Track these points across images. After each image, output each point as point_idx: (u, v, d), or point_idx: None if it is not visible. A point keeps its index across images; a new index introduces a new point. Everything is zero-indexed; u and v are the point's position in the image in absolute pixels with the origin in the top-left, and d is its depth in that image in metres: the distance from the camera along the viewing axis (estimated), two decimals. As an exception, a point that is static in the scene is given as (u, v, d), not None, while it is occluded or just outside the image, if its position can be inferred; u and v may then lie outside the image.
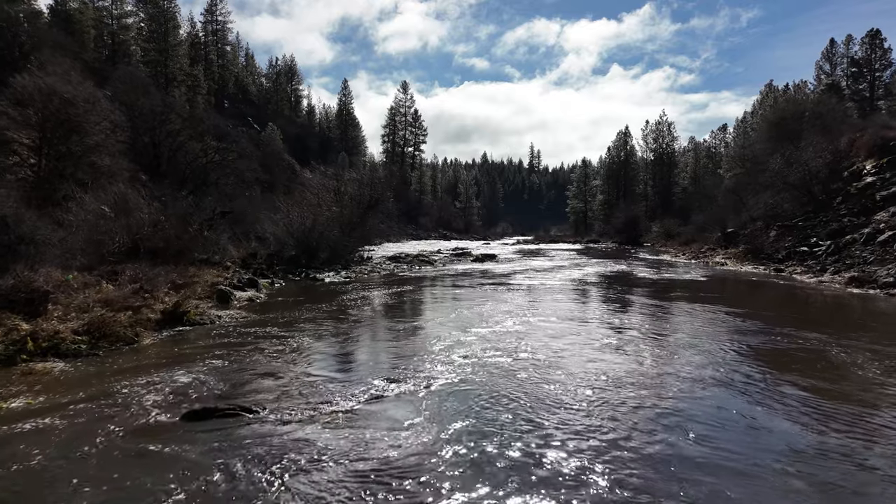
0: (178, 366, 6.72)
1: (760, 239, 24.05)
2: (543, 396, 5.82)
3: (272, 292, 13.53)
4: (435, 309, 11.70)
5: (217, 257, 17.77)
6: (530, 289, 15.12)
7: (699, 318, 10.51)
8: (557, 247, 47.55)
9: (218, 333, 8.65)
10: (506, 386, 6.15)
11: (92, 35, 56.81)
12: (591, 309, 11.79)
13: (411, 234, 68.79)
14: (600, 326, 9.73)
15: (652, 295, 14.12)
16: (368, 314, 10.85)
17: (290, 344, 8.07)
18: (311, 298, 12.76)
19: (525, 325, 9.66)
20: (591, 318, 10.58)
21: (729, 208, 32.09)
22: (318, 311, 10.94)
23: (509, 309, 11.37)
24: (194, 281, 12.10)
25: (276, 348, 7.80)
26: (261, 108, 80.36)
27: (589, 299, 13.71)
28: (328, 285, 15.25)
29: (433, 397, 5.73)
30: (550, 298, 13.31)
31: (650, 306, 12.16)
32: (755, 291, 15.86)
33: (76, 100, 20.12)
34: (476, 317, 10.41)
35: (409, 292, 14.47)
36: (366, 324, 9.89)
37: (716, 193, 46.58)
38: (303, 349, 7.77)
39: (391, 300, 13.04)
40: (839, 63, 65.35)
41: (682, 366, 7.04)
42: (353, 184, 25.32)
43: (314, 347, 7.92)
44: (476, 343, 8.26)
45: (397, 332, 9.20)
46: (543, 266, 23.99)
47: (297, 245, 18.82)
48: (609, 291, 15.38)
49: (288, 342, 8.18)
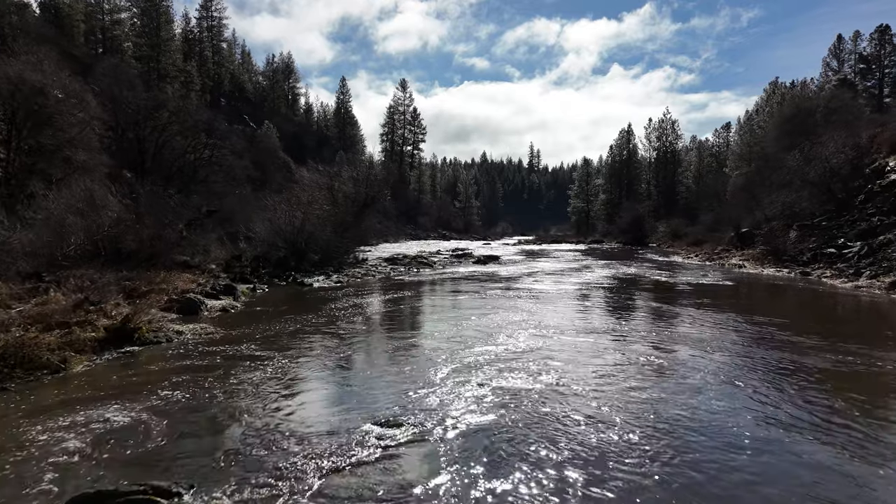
0: (102, 405, 5.25)
1: (780, 240, 22.61)
2: (585, 443, 4.38)
3: (252, 300, 12.05)
4: (437, 320, 10.23)
5: (197, 259, 16.31)
6: (541, 295, 13.66)
7: (743, 333, 9.04)
8: (560, 247, 46.11)
9: (173, 355, 7.18)
10: (538, 428, 4.71)
11: (82, 29, 55.32)
12: (614, 319, 10.34)
13: (410, 233, 67.33)
14: (630, 341, 8.28)
15: (677, 302, 12.66)
16: (359, 328, 9.38)
17: (261, 370, 6.61)
18: (295, 307, 11.29)
19: (544, 341, 8.20)
20: (617, 330, 9.13)
21: (741, 207, 30.68)
22: (301, 323, 9.47)
23: (521, 319, 9.92)
24: (161, 288, 10.64)
25: (242, 377, 6.33)
26: (257, 106, 78.88)
27: (608, 307, 12.24)
28: (316, 291, 13.78)
29: (449, 451, 4.27)
30: (565, 306, 11.84)
31: (680, 317, 10.70)
32: (790, 299, 14.41)
33: (48, 89, 18.65)
34: (485, 330, 8.96)
35: (407, 300, 13.00)
36: (356, 341, 8.42)
37: (723, 192, 45.24)
38: (275, 378, 6.31)
39: (386, 309, 11.58)
40: (847, 59, 64.07)
41: (753, 402, 5.59)
42: (347, 181, 23.83)
43: (290, 375, 6.45)
44: (490, 365, 6.81)
45: (394, 351, 7.74)
46: (550, 268, 22.53)
47: (286, 246, 17.35)
48: (627, 298, 13.93)
49: (258, 368, 6.71)
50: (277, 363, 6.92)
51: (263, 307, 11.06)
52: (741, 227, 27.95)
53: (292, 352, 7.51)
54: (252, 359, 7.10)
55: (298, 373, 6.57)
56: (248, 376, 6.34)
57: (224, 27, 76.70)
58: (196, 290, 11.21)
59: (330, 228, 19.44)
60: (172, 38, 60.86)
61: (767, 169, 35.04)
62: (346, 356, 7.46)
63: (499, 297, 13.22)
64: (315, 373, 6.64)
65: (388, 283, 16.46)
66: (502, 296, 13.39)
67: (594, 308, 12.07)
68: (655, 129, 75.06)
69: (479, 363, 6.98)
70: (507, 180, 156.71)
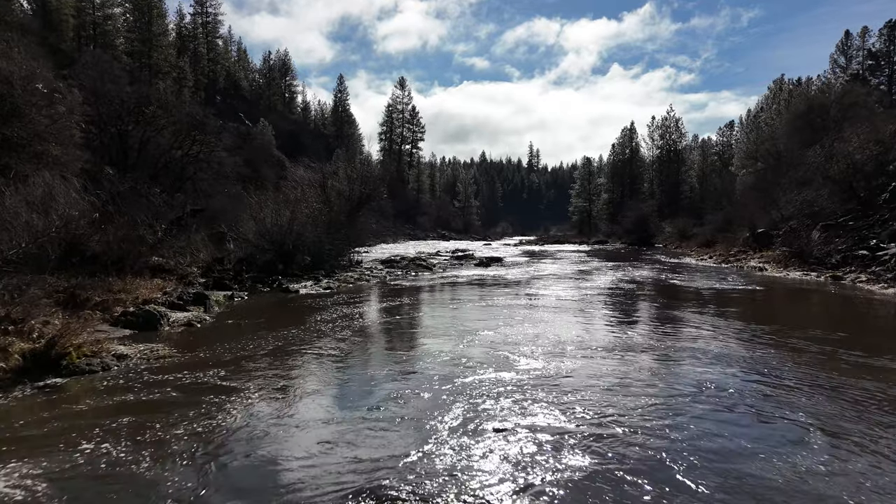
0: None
1: (803, 241, 21.15)
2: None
3: (227, 310, 10.57)
4: (439, 336, 8.76)
5: (173, 263, 14.82)
6: (553, 303, 12.21)
7: (797, 351, 7.59)
8: (563, 248, 44.69)
9: (107, 389, 5.71)
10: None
11: (71, 24, 53.76)
12: (643, 333, 8.88)
13: (409, 234, 65.89)
14: (674, 363, 6.82)
15: (708, 313, 11.20)
16: (346, 348, 7.91)
17: (213, 413, 5.15)
18: (274, 320, 9.83)
19: (568, 362, 6.75)
20: (651, 348, 7.67)
21: (755, 206, 29.22)
22: (277, 343, 8.00)
23: (537, 333, 8.46)
24: (117, 298, 9.17)
25: (187, 423, 4.87)
26: (253, 104, 77.47)
27: (632, 318, 10.78)
28: (302, 299, 12.30)
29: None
30: (584, 317, 10.39)
31: (720, 331, 9.24)
32: (832, 308, 12.96)
33: (13, 77, 17.18)
34: (497, 349, 7.50)
35: (404, 310, 11.53)
36: (341, 368, 6.96)
37: (732, 191, 43.85)
38: (228, 428, 4.85)
39: (380, 323, 10.11)
40: (855, 56, 62.83)
41: (858, 462, 4.14)
42: (342, 178, 22.35)
43: (252, 424, 4.98)
44: (507, 398, 5.37)
45: (389, 381, 6.27)
46: (557, 271, 21.08)
47: (271, 248, 15.88)
48: (651, 306, 12.46)
49: (210, 409, 5.25)
50: (237, 403, 5.45)
51: (237, 320, 9.58)
52: (757, 227, 26.51)
53: (258, 385, 6.04)
54: (207, 395, 5.63)
55: (263, 421, 5.10)
56: (194, 422, 4.88)
57: (219, 24, 75.36)
58: (160, 299, 9.75)
59: (321, 229, 17.97)
60: (164, 33, 59.37)
61: (780, 166, 33.66)
62: (325, 391, 6.00)
63: (507, 305, 11.75)
64: (285, 422, 5.17)
65: (384, 289, 14.99)
66: (511, 304, 11.92)
67: (616, 319, 10.61)
68: (658, 128, 73.70)
69: (495, 396, 5.54)
70: (507, 180, 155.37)
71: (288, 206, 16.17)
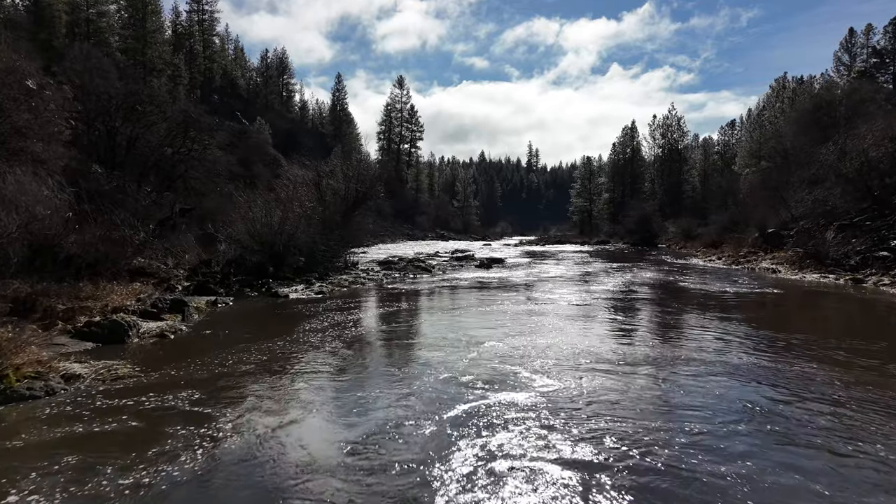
0: None
1: (817, 241, 20.30)
2: None
3: (207, 318, 9.68)
4: (440, 349, 7.88)
5: (156, 265, 13.94)
6: (563, 309, 11.33)
7: (842, 366, 6.72)
8: (565, 248, 43.83)
9: (50, 418, 4.83)
10: None
11: (64, 20, 52.78)
12: (665, 345, 8.01)
13: (407, 234, 65.02)
14: (702, 382, 5.95)
15: (729, 319, 10.32)
16: (335, 364, 7.04)
17: (175, 453, 4.27)
18: (258, 331, 8.95)
19: (588, 379, 5.87)
20: (675, 361, 6.79)
21: (764, 205, 28.37)
22: (258, 357, 7.12)
23: (548, 344, 7.58)
24: (84, 306, 8.29)
25: (144, 470, 4.00)
26: (250, 103, 76.56)
27: (649, 327, 9.90)
28: (291, 305, 11.41)
29: None
30: (598, 327, 9.50)
31: (746, 342, 8.36)
32: (863, 315, 12.10)
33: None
34: (507, 363, 6.63)
35: (401, 317, 10.66)
36: (328, 392, 6.07)
37: (737, 190, 43.03)
38: (190, 474, 3.98)
39: (374, 333, 9.22)
40: (859, 54, 62.09)
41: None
42: (338, 176, 21.47)
43: (216, 470, 4.12)
44: (526, 426, 4.51)
45: (382, 410, 5.40)
46: (561, 273, 20.21)
47: (261, 249, 15.00)
48: (665, 313, 11.58)
49: (174, 447, 4.38)
50: (204, 437, 4.58)
51: (217, 330, 8.68)
52: (767, 227, 25.66)
53: (229, 414, 5.17)
54: (169, 422, 4.76)
55: (227, 464, 4.23)
56: (151, 463, 4.01)
57: (216, 21, 74.41)
58: (133, 307, 8.86)
59: (315, 229, 17.09)
60: (159, 29, 58.40)
61: (787, 165, 32.84)
62: (309, 422, 5.12)
63: (512, 312, 10.88)
64: (253, 462, 4.30)
65: (380, 293, 14.11)
66: (517, 311, 11.05)
67: (631, 327, 9.74)
68: (660, 126, 72.88)
69: (507, 424, 4.67)
70: (506, 180, 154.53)
71: (279, 206, 15.27)
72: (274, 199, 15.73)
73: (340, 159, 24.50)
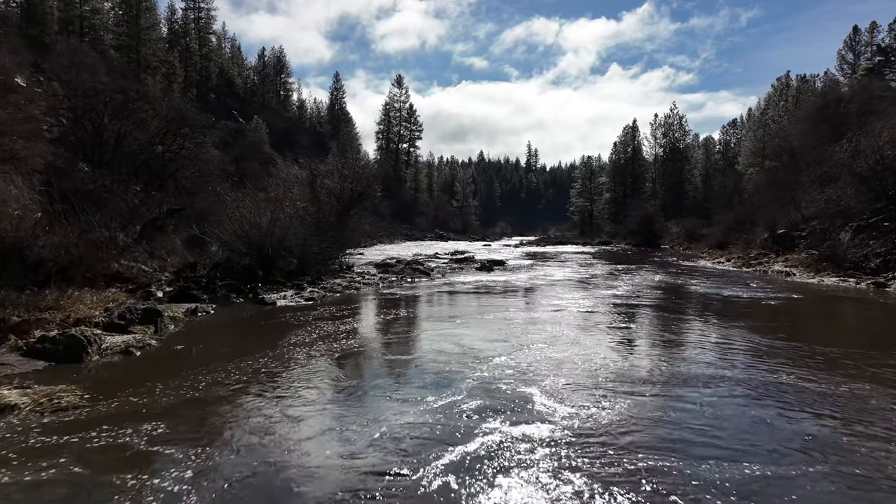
0: None
1: (832, 243, 19.47)
2: None
3: (183, 329, 8.79)
4: (440, 367, 7.01)
5: (135, 269, 13.05)
6: (573, 318, 10.46)
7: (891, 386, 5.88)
8: (567, 249, 42.98)
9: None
10: None
11: (56, 17, 51.82)
12: (691, 360, 7.14)
13: (406, 234, 64.16)
14: (745, 408, 5.08)
15: (754, 329, 9.44)
16: (319, 390, 6.15)
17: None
18: (236, 345, 8.08)
19: (616, 405, 5.00)
20: (707, 380, 5.93)
21: (774, 206, 27.55)
22: (230, 379, 6.25)
23: (561, 359, 6.72)
24: (41, 318, 7.41)
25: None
26: (247, 102, 75.69)
27: (669, 338, 9.02)
28: (278, 314, 10.52)
29: None
30: (615, 339, 8.62)
31: (780, 357, 7.50)
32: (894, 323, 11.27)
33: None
34: (517, 387, 5.77)
35: (397, 329, 9.78)
36: (307, 429, 5.19)
37: (742, 190, 42.24)
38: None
39: (366, 350, 8.33)
40: (863, 52, 61.40)
41: None
42: (332, 175, 20.57)
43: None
44: (551, 477, 3.63)
45: (370, 456, 4.54)
46: (567, 277, 19.34)
47: (249, 252, 14.13)
48: (684, 321, 10.70)
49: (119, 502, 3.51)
50: (156, 490, 3.71)
51: (191, 343, 7.80)
52: (777, 227, 24.82)
53: (187, 458, 4.30)
54: (116, 469, 3.89)
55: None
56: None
57: (212, 19, 73.52)
58: (99, 318, 7.97)
59: (308, 230, 16.22)
60: (153, 26, 57.45)
61: (795, 164, 32.02)
62: (279, 477, 4.25)
63: (518, 322, 10.00)
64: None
65: (375, 300, 13.24)
66: (523, 320, 10.17)
67: (650, 338, 8.87)
68: (661, 126, 72.04)
69: (524, 470, 3.80)
70: (505, 180, 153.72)
71: (269, 205, 14.39)
72: (264, 199, 14.83)
73: (336, 157, 23.58)
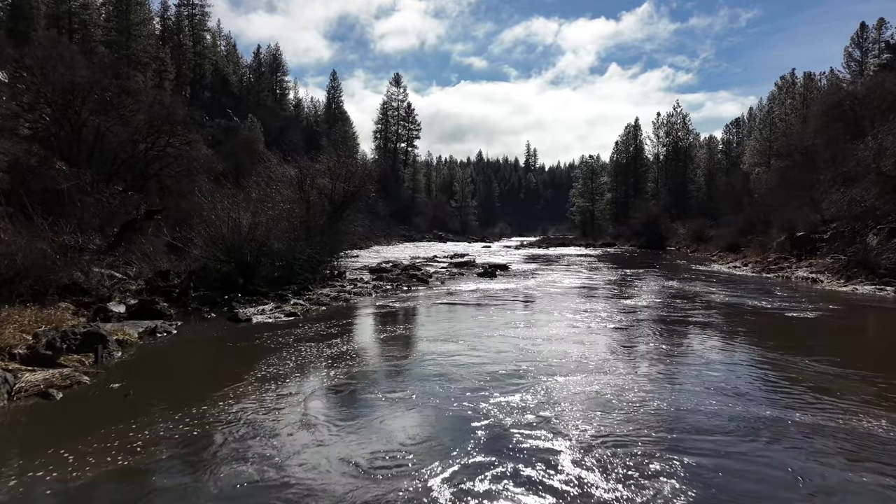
0: None
1: (860, 247, 18.07)
2: None
3: (132, 356, 7.34)
4: (445, 422, 5.58)
5: (98, 279, 11.60)
6: (602, 338, 9.03)
7: None
8: (570, 251, 41.56)
9: None
10: None
11: (43, 11, 50.31)
12: (758, 402, 5.74)
13: (404, 235, 62.74)
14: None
15: (807, 351, 7.99)
16: (287, 453, 4.72)
17: None
18: (187, 381, 6.64)
19: (681, 471, 3.60)
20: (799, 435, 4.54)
21: (790, 207, 26.16)
22: (170, 435, 4.80)
23: (596, 393, 5.29)
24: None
25: None
26: (241, 100, 74.28)
27: (728, 372, 7.59)
28: (252, 332, 9.06)
29: None
30: (663, 371, 7.18)
31: (861, 396, 6.09)
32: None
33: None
34: (538, 455, 4.35)
35: (389, 358, 8.33)
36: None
37: (752, 190, 40.86)
38: None
39: (348, 391, 6.87)
40: (871, 49, 60.17)
41: None
42: (322, 174, 19.12)
43: None
44: None
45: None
46: (576, 284, 17.91)
47: (227, 259, 12.68)
48: (729, 344, 9.24)
49: None
50: None
51: (134, 378, 6.34)
52: (795, 229, 23.43)
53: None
54: None
55: None
56: None
57: (207, 16, 72.06)
58: (21, 346, 6.51)
59: (296, 234, 14.79)
60: (143, 22, 55.93)
61: (809, 162, 30.65)
62: None
63: (537, 346, 8.55)
64: None
65: (365, 315, 11.79)
66: (536, 340, 8.71)
67: (698, 368, 7.43)
68: (664, 125, 70.68)
69: None
70: (504, 179, 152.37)
71: (249, 207, 12.94)
72: (244, 200, 13.38)
73: (326, 155, 22.12)
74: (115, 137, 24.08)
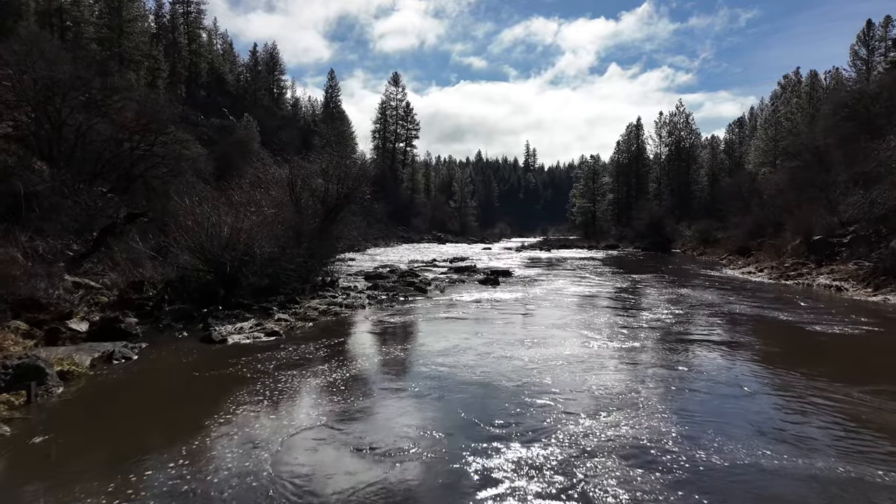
0: None
1: (885, 252, 16.98)
2: None
3: (75, 394, 6.20)
4: (443, 475, 4.49)
5: (56, 294, 10.46)
6: (622, 367, 7.93)
7: None
8: (572, 254, 40.45)
9: None
10: None
11: (32, 8, 49.12)
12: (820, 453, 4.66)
13: (402, 236, 61.64)
14: None
15: (859, 380, 6.93)
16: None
17: None
18: (135, 428, 5.52)
19: None
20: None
21: (805, 209, 25.06)
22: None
23: (638, 453, 4.22)
24: None
25: None
26: (238, 100, 73.17)
27: (786, 416, 6.49)
28: (224, 357, 7.92)
29: None
30: (710, 408, 6.09)
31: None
32: None
33: None
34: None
35: (382, 391, 7.19)
36: None
37: (759, 190, 39.78)
38: None
39: (332, 437, 5.76)
40: (877, 47, 59.15)
41: None
42: (315, 174, 17.99)
43: None
44: None
45: None
46: (584, 293, 16.80)
47: (206, 269, 11.56)
48: (790, 377, 8.14)
49: None
50: None
51: (68, 427, 5.23)
52: (813, 233, 22.35)
53: None
54: None
55: None
56: None
57: (203, 14, 70.91)
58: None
59: (283, 240, 13.68)
60: (136, 19, 54.76)
61: (822, 162, 29.58)
62: None
63: (545, 367, 7.43)
64: None
65: (356, 332, 10.66)
66: (550, 364, 7.59)
67: (737, 401, 6.33)
68: (666, 124, 69.57)
69: None
70: (503, 180, 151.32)
71: (230, 212, 11.82)
72: (225, 203, 12.26)
73: (319, 154, 21.02)
74: (98, 136, 22.97)
